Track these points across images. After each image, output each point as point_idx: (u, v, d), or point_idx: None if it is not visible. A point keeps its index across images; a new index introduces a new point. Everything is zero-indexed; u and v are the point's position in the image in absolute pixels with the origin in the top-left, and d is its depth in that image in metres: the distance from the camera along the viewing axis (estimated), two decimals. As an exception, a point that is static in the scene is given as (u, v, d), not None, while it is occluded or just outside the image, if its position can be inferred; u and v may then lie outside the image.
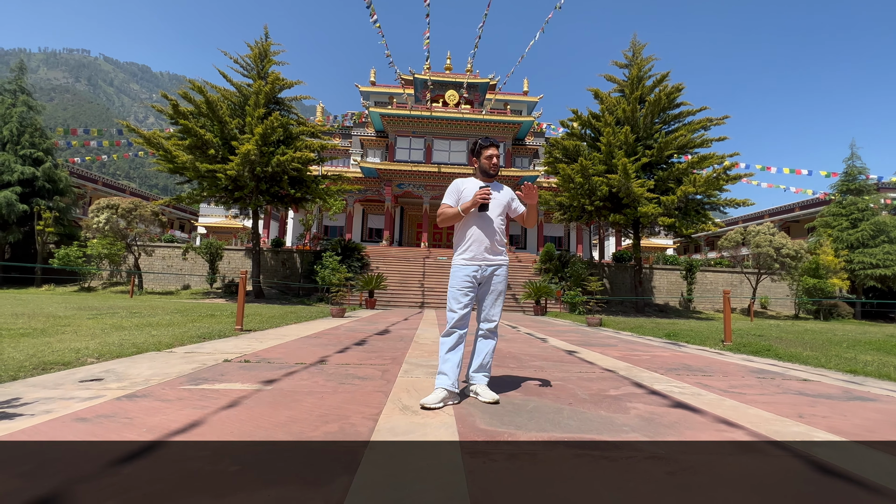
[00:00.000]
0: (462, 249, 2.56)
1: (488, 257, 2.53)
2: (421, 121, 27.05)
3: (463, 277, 2.50)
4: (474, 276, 2.51)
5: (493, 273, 2.55)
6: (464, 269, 2.52)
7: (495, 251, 2.55)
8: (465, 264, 2.53)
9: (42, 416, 1.90)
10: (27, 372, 2.77)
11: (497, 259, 2.56)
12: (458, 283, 2.50)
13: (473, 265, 2.52)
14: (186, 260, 21.22)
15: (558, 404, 2.46)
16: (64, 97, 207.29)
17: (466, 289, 2.49)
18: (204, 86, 15.35)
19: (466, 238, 2.56)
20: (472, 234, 2.54)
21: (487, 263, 2.53)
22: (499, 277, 2.56)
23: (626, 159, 14.80)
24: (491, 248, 2.54)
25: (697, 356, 4.98)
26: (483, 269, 2.52)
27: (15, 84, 23.07)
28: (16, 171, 20.77)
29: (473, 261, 2.52)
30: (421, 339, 5.56)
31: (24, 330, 4.97)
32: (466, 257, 2.53)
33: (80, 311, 8.31)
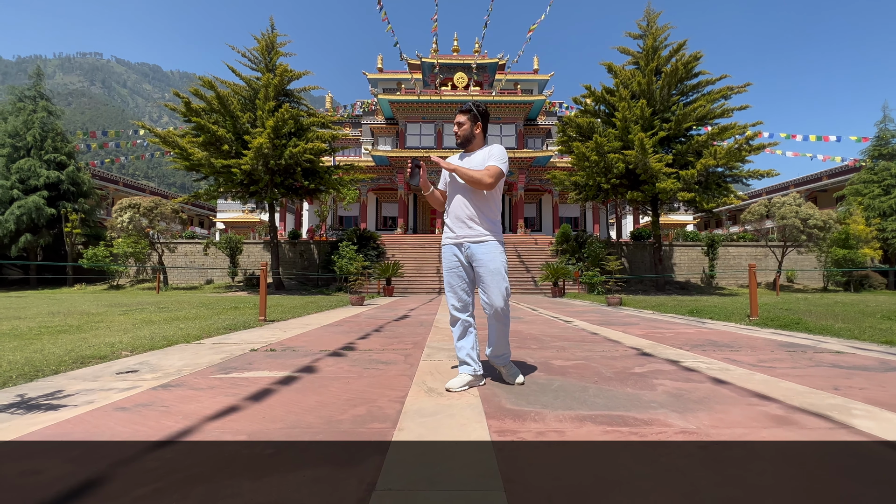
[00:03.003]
0: (445, 229, 2.46)
1: (467, 234, 2.34)
2: (430, 105, 26.76)
3: (448, 258, 2.40)
4: (457, 255, 2.37)
5: (476, 251, 2.32)
6: (446, 248, 2.42)
7: (474, 227, 2.33)
8: (447, 244, 2.42)
9: (85, 406, 1.98)
10: (67, 366, 2.90)
11: (478, 235, 2.32)
12: (446, 265, 2.42)
13: (452, 244, 2.39)
14: (208, 255, 21.74)
15: (583, 383, 2.45)
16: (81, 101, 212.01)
17: (455, 269, 2.37)
18: (214, 81, 15.44)
19: (446, 216, 2.45)
20: (449, 210, 2.42)
21: (468, 240, 2.33)
22: (485, 256, 2.31)
23: (642, 134, 14.38)
24: (467, 224, 2.34)
25: (723, 332, 4.89)
26: (465, 246, 2.34)
27: (34, 90, 23.65)
28: (41, 175, 21.45)
29: (453, 239, 2.39)
30: (441, 324, 5.59)
31: (61, 327, 5.19)
32: (447, 236, 2.42)
33: (111, 307, 8.62)
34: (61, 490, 1.20)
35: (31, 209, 20.56)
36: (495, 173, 2.26)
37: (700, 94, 16.97)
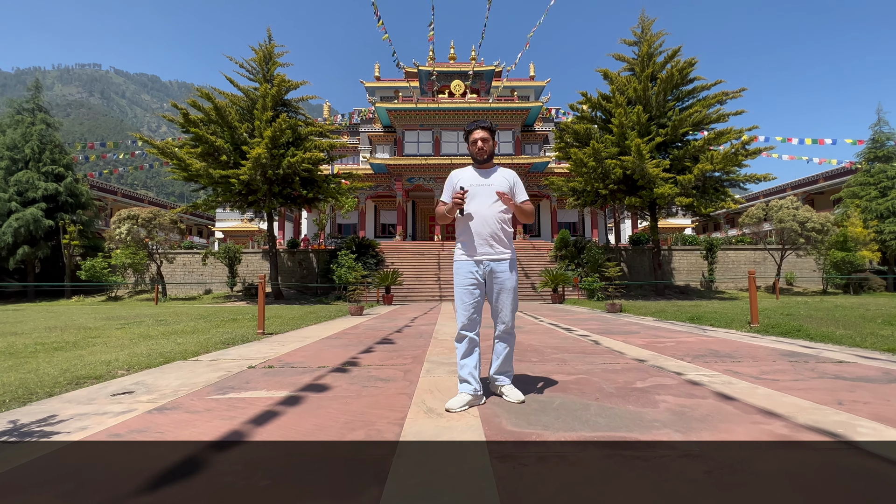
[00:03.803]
0: (460, 244, 2.44)
1: (488, 252, 2.35)
2: (427, 113, 26.89)
3: (464, 275, 2.37)
4: (473, 273, 2.36)
5: (496, 269, 2.36)
6: (463, 265, 2.39)
7: (495, 245, 2.36)
8: (464, 260, 2.39)
9: (78, 434, 1.95)
10: (62, 387, 2.86)
11: (498, 254, 2.36)
12: (460, 282, 2.39)
13: (470, 262, 2.38)
14: (206, 265, 21.69)
15: (584, 400, 2.42)
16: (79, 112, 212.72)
17: (470, 287, 2.36)
18: (212, 92, 15.50)
19: (462, 232, 2.42)
20: (468, 228, 2.39)
21: (488, 259, 2.35)
22: (504, 274, 2.36)
23: (639, 140, 14.44)
24: (489, 242, 2.35)
25: (724, 340, 4.86)
26: (484, 265, 2.36)
27: (32, 103, 23.72)
28: (39, 187, 21.45)
29: (472, 256, 2.37)
30: (440, 335, 5.56)
31: (57, 343, 5.15)
32: (464, 252, 2.40)
33: (108, 321, 8.57)
34: (51, 531, 1.17)
35: (29, 221, 20.54)
36: (534, 209, 2.53)
37: (696, 100, 17.07)
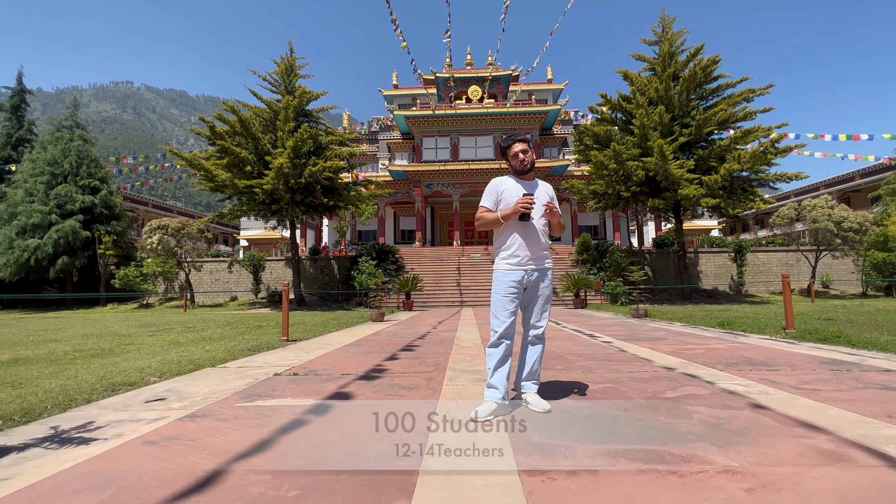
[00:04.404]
0: (505, 254, 2.46)
1: (533, 261, 2.42)
2: (445, 119, 27.03)
3: (508, 283, 2.40)
4: (519, 281, 2.41)
5: (540, 278, 2.46)
6: (508, 274, 2.42)
7: (540, 255, 2.45)
8: (509, 269, 2.42)
9: (114, 441, 2.01)
10: (99, 394, 2.96)
11: (542, 263, 2.46)
12: (502, 290, 2.41)
13: (518, 271, 2.41)
14: (232, 273, 22.27)
15: (613, 411, 2.36)
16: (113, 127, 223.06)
17: (512, 295, 2.40)
18: (237, 105, 15.99)
19: (509, 242, 2.45)
20: (516, 238, 2.42)
21: (533, 268, 2.42)
22: (545, 282, 2.48)
23: (661, 140, 14.13)
24: (535, 251, 2.43)
25: (758, 347, 4.67)
26: (529, 273, 2.42)
27: (71, 120, 25.00)
28: (77, 200, 22.51)
29: (518, 266, 2.41)
30: (462, 342, 5.53)
31: (93, 351, 5.36)
32: (511, 262, 2.43)
33: (141, 328, 8.88)
34: (90, 538, 1.20)
35: (67, 233, 21.55)
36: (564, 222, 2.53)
37: (720, 98, 16.61)
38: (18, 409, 2.59)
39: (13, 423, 2.34)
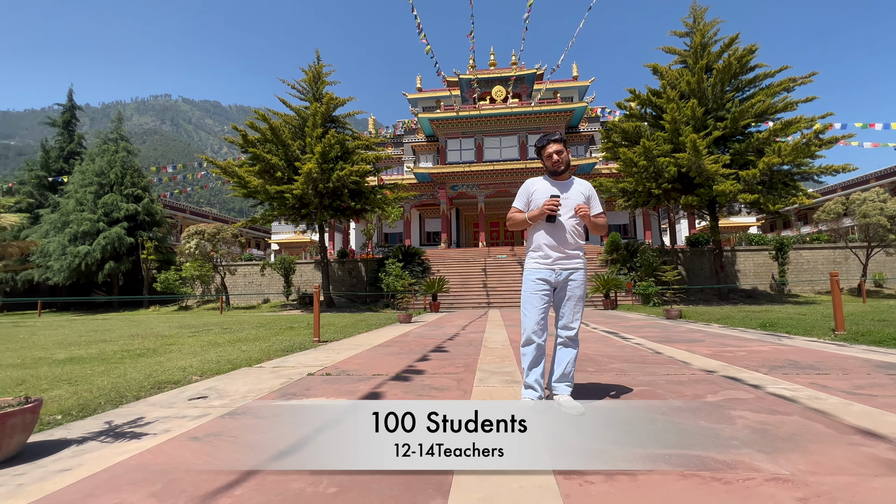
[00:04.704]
0: (534, 254, 2.48)
1: (562, 261, 2.41)
2: (469, 121, 27.02)
3: (536, 282, 2.42)
4: (547, 280, 2.42)
5: (569, 277, 2.42)
6: (536, 272, 2.44)
7: (569, 254, 2.42)
8: (536, 268, 2.45)
9: (163, 436, 2.11)
10: (146, 391, 3.12)
11: (572, 262, 2.42)
12: (531, 288, 2.44)
13: (546, 269, 2.42)
14: (264, 276, 22.99)
15: (650, 414, 2.29)
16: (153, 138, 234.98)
17: (540, 293, 2.41)
18: (267, 114, 16.53)
19: (537, 241, 2.47)
20: (543, 236, 2.44)
21: (562, 267, 2.41)
22: (576, 282, 2.43)
23: (694, 135, 13.61)
24: (564, 250, 2.41)
25: (805, 349, 4.42)
26: (557, 273, 2.41)
27: (116, 133, 26.52)
28: (122, 208, 23.84)
29: (546, 265, 2.43)
30: (490, 343, 5.50)
31: (139, 350, 5.65)
32: (539, 261, 2.45)
33: (181, 329, 9.29)
34: (146, 527, 1.27)
35: (114, 239, 22.84)
36: (607, 221, 2.56)
37: (758, 89, 15.85)
38: (75, 404, 2.76)
39: (71, 417, 2.50)
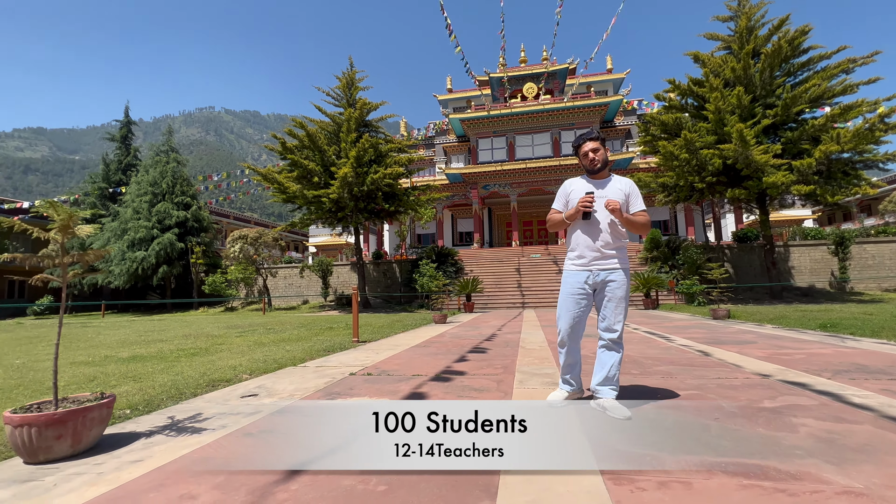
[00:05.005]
0: (572, 255, 2.48)
1: (599, 261, 2.38)
2: (500, 119, 26.82)
3: (573, 284, 2.42)
4: (585, 282, 2.40)
5: (608, 278, 2.37)
6: (573, 275, 2.44)
7: (607, 253, 2.38)
8: (574, 270, 2.44)
9: (220, 431, 2.24)
10: (202, 389, 3.32)
11: (610, 262, 2.38)
12: (566, 290, 2.45)
13: (584, 271, 2.41)
14: (303, 277, 23.80)
15: (702, 419, 2.19)
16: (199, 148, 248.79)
17: (577, 296, 2.40)
18: (304, 122, 17.12)
19: (574, 243, 2.47)
20: (580, 237, 2.43)
21: (599, 268, 2.38)
22: (615, 282, 2.37)
23: (741, 125, 12.87)
24: (601, 250, 2.38)
25: (873, 352, 4.09)
26: (595, 274, 2.39)
27: (167, 145, 28.28)
28: (173, 216, 25.37)
29: (583, 267, 2.41)
30: (528, 344, 5.44)
31: (193, 350, 6.00)
32: (576, 263, 2.44)
33: (228, 329, 9.78)
34: (212, 517, 1.35)
35: (166, 245, 24.35)
36: (649, 220, 2.43)
37: (812, 72, 14.78)
38: (141, 400, 2.97)
39: (138, 412, 2.70)
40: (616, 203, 2.31)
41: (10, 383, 3.90)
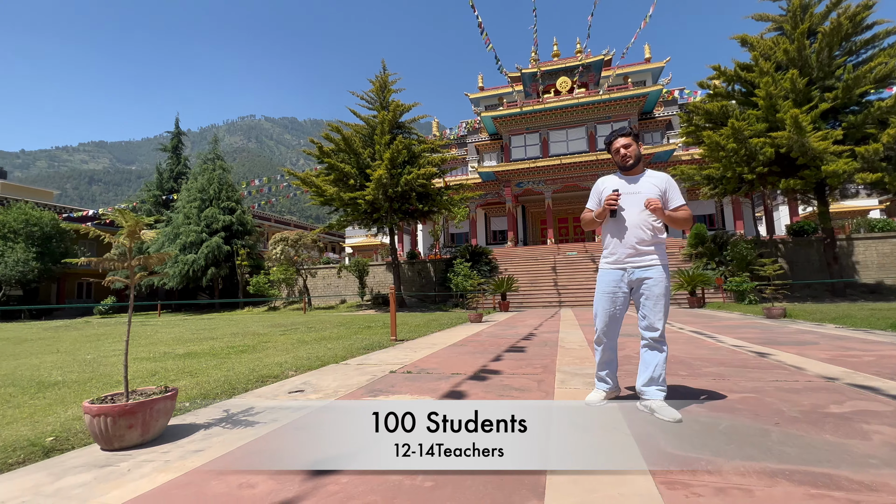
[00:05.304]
0: (605, 253, 2.49)
1: (633, 258, 2.35)
2: (533, 115, 26.42)
3: (608, 283, 2.42)
4: (619, 281, 2.38)
5: (644, 276, 2.33)
6: (607, 274, 2.44)
7: (641, 251, 2.33)
8: (608, 269, 2.44)
9: (272, 425, 2.35)
10: (252, 384, 3.49)
11: (645, 259, 2.33)
12: (601, 288, 2.45)
13: (617, 269, 2.40)
14: (340, 277, 24.46)
15: (761, 424, 2.07)
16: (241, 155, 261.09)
17: (612, 294, 2.39)
18: (340, 126, 17.58)
19: (607, 241, 2.47)
20: (613, 235, 2.42)
21: (633, 266, 2.35)
22: (652, 280, 2.31)
23: (795, 110, 12.02)
24: (635, 247, 2.34)
25: (957, 355, 3.71)
26: (630, 272, 2.36)
27: (213, 153, 29.88)
28: (220, 220, 26.79)
29: (617, 264, 2.40)
30: (567, 344, 5.34)
31: (241, 347, 6.31)
32: (609, 261, 2.44)
33: (272, 328, 10.21)
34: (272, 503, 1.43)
35: (214, 248, 25.75)
36: (691, 214, 2.38)
37: (878, 49, 13.58)
38: (198, 394, 3.16)
39: (196, 405, 2.87)
40: (657, 202, 2.27)
41: (84, 376, 4.26)
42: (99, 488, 1.62)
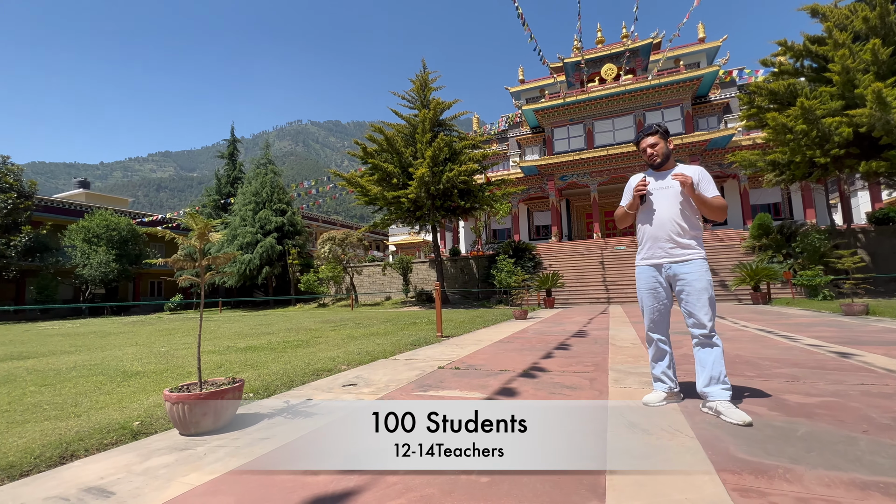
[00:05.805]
0: (640, 249, 2.47)
1: (668, 253, 2.30)
2: (577, 106, 25.59)
3: (645, 280, 2.40)
4: (655, 277, 2.35)
5: (679, 272, 2.26)
6: (643, 270, 2.42)
7: (676, 244, 2.28)
8: (643, 266, 2.42)
9: (329, 416, 2.45)
10: (308, 377, 3.65)
11: (680, 254, 2.27)
12: (642, 285, 2.43)
13: (650, 266, 2.37)
14: (385, 275, 25.05)
15: (845, 431, 1.89)
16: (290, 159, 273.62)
17: (652, 290, 2.37)
18: (383, 127, 17.95)
19: (640, 237, 2.44)
20: (645, 230, 2.39)
21: (669, 260, 2.30)
22: (691, 274, 2.24)
23: (879, 84, 10.80)
24: (668, 244, 2.29)
25: None
26: (665, 267, 2.31)
27: (265, 159, 31.55)
28: (272, 222, 28.27)
29: (651, 259, 2.37)
30: (618, 342, 5.15)
31: (296, 342, 6.64)
32: (643, 257, 2.42)
33: (323, 323, 10.64)
34: (334, 492, 1.49)
35: (267, 248, 27.23)
36: (726, 204, 2.32)
37: (980, 9, 11.91)
38: (260, 385, 3.36)
39: (259, 396, 3.06)
40: (688, 178, 2.23)
41: (160, 367, 4.66)
42: (180, 469, 1.77)
